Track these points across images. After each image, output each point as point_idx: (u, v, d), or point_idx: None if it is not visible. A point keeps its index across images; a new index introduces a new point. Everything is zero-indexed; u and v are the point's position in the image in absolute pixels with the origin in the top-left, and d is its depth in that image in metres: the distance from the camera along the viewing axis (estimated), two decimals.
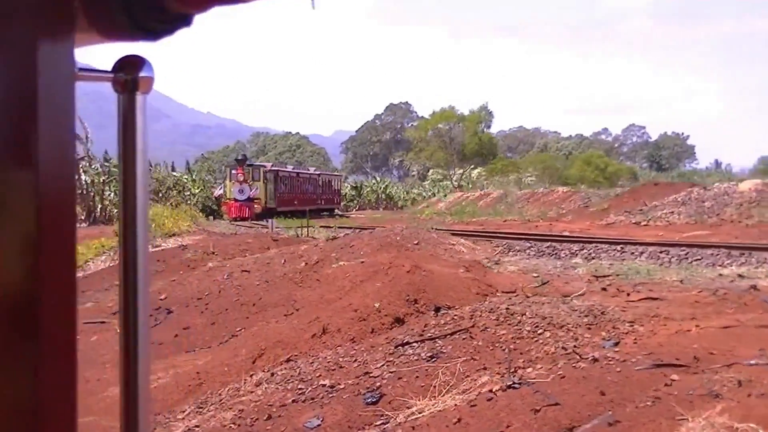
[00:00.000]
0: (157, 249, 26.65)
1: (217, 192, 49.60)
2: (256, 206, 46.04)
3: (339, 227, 30.27)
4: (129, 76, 0.90)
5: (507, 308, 6.89)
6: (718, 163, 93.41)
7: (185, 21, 0.87)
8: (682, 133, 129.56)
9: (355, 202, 74.92)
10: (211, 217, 43.46)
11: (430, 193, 77.55)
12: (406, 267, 9.13)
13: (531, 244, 17.02)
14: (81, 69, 0.84)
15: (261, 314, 11.09)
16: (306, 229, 27.18)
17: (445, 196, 63.16)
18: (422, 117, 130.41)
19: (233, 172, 47.06)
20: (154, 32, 0.86)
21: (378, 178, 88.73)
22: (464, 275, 9.59)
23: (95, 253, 26.52)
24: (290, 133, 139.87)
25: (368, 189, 78.92)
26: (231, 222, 39.67)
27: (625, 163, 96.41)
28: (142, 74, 0.90)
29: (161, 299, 14.21)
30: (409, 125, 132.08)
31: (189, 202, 47.54)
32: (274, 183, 48.64)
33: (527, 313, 6.65)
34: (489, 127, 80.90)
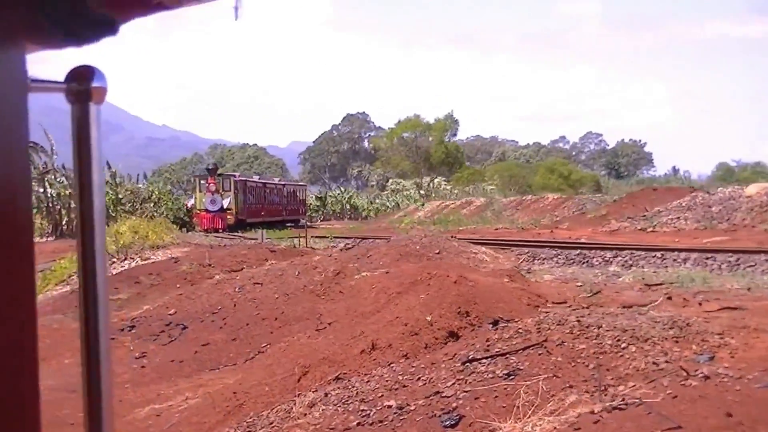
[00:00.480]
0: (147, 261, 26.07)
1: (190, 202, 48.28)
2: (228, 217, 44.80)
3: (335, 237, 29.75)
4: (82, 86, 0.89)
5: (578, 320, 6.43)
6: (675, 170, 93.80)
7: (112, 29, 0.88)
8: (639, 140, 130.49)
9: (320, 212, 74.06)
10: (183, 229, 42.02)
11: (393, 203, 77.18)
12: (452, 277, 8.64)
13: (557, 252, 16.53)
14: (33, 80, 0.84)
15: (285, 329, 10.56)
16: (299, 240, 26.63)
17: (423, 205, 62.38)
18: (380, 127, 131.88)
19: (203, 182, 45.54)
20: (78, 38, 0.87)
21: (342, 189, 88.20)
22: (511, 285, 9.13)
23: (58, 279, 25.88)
24: (247, 144, 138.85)
25: (333, 199, 78.39)
26: (205, 234, 38.39)
27: (583, 171, 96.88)
28: (94, 84, 0.90)
29: (170, 314, 13.65)
30: (367, 135, 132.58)
31: (163, 214, 46.72)
32: (243, 193, 47.41)
33: (603, 326, 6.19)
34: (455, 135, 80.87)
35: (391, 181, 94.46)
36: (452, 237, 14.37)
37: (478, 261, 12.52)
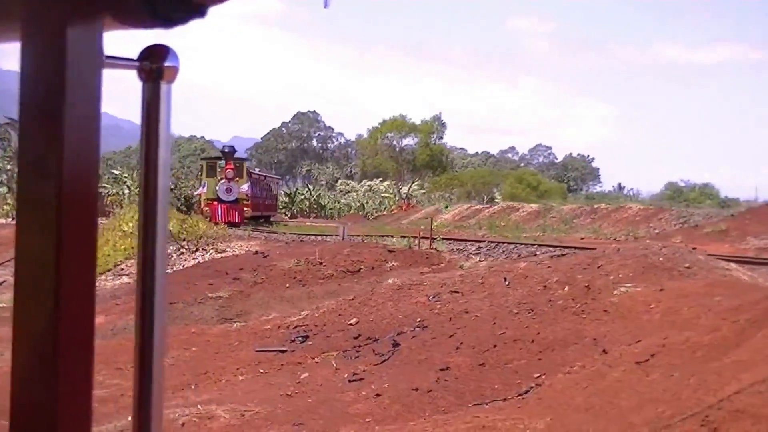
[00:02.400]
0: (225, 254, 24.14)
1: (200, 190, 40.92)
2: (245, 209, 38.96)
3: (443, 238, 27.49)
4: (154, 64, 0.89)
5: None
6: (621, 187, 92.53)
7: (200, 12, 0.88)
8: (587, 156, 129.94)
9: (287, 209, 71.97)
10: None
11: (376, 204, 76.31)
12: None
13: None
14: (108, 57, 0.84)
15: (552, 355, 8.38)
16: (419, 241, 24.43)
17: (447, 207, 59.86)
18: (330, 127, 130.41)
19: (213, 168, 39.68)
20: (170, 21, 0.86)
21: (310, 186, 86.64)
22: None
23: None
24: (195, 136, 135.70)
25: (301, 197, 76.68)
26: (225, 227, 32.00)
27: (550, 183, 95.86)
28: (167, 63, 0.90)
29: (351, 324, 11.58)
30: (316, 134, 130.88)
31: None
32: (250, 184, 41.08)
33: None
34: (441, 138, 78.89)
35: (340, 181, 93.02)
36: (692, 249, 12.13)
37: (736, 280, 10.28)
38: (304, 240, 31.87)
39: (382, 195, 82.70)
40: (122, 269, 23.69)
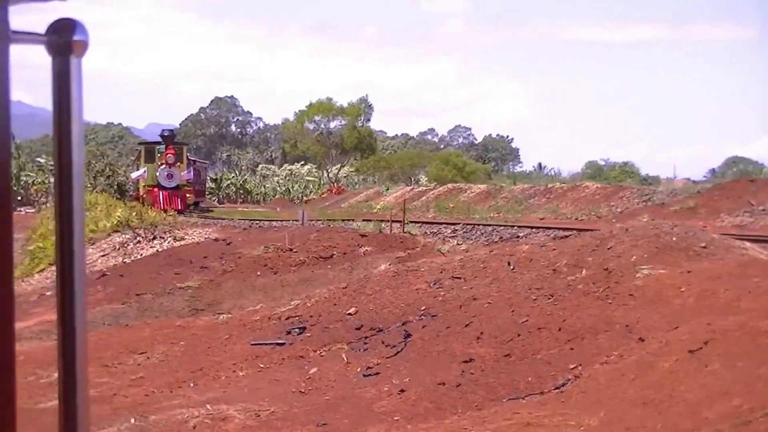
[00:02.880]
0: (184, 242, 23.34)
1: (137, 174, 39.16)
2: (188, 195, 37.72)
3: (412, 222, 26.93)
4: (63, 38, 0.87)
5: None
6: (541, 166, 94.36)
7: None
8: (507, 136, 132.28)
9: (214, 195, 71.50)
10: None
11: (301, 189, 76.39)
12: None
13: None
14: (14, 32, 0.81)
15: (586, 344, 7.87)
16: (389, 225, 23.80)
17: (388, 189, 59.80)
18: (248, 112, 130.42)
19: (152, 152, 37.81)
20: None
21: (236, 171, 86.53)
22: None
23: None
24: (112, 123, 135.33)
25: (227, 182, 76.33)
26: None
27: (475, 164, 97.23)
28: (76, 37, 0.87)
29: (349, 313, 10.97)
30: (235, 119, 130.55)
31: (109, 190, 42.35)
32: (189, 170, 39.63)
33: None
34: (369, 120, 79.14)
35: (261, 166, 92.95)
36: (704, 228, 11.76)
37: (764, 259, 9.92)
38: (262, 226, 31.01)
39: (306, 179, 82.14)
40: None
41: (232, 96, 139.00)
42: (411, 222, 26.70)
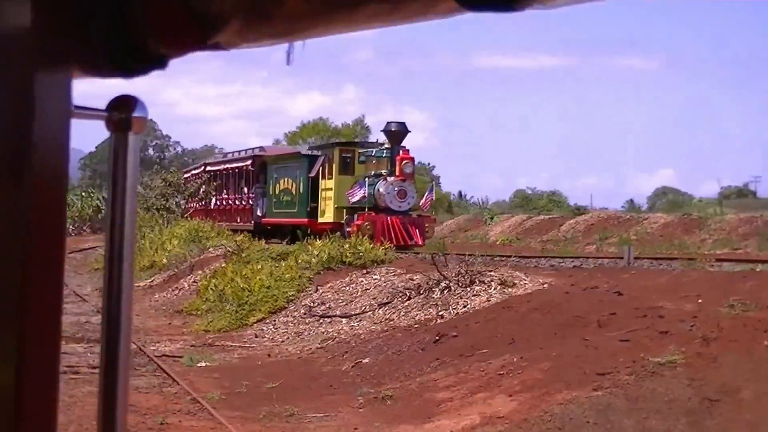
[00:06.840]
0: (516, 291, 12.51)
1: (358, 195, 24.75)
2: (427, 225, 27.69)
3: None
4: (123, 115, 0.88)
5: None
6: (461, 195, 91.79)
7: (161, 63, 0.88)
8: (428, 163, 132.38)
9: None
10: None
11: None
12: None
13: None
14: (77, 107, 0.83)
15: None
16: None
17: (492, 219, 47.63)
18: (167, 135, 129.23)
19: (344, 159, 25.82)
20: (130, 71, 0.87)
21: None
22: None
23: None
24: None
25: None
26: None
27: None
28: (135, 114, 0.89)
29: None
30: (153, 143, 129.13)
31: None
32: None
33: None
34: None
35: None
36: None
37: None
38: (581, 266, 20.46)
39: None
40: None
41: (151, 119, 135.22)
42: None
